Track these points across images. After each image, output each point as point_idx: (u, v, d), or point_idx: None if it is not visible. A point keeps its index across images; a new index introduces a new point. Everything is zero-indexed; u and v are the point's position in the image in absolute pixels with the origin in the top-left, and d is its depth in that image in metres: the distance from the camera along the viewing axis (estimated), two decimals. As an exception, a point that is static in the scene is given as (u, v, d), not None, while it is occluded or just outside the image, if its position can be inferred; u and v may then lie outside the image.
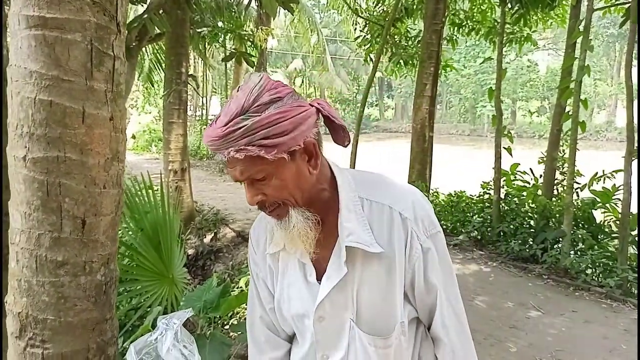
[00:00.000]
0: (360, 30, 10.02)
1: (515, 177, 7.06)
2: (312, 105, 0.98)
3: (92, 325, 1.19)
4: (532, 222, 6.31)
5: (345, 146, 1.07)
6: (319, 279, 1.05)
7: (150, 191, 3.59)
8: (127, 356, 0.87)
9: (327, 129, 1.07)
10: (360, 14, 10.11)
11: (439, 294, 1.04)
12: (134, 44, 7.42)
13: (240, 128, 0.90)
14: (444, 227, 6.87)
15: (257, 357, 1.21)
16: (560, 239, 5.68)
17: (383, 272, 1.01)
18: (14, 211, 1.14)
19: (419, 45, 8.50)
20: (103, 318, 1.22)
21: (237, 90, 0.94)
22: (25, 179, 1.11)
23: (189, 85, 7.02)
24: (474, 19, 9.39)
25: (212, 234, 6.87)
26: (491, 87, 6.65)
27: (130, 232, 3.42)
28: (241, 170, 0.93)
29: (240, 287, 4.35)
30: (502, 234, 6.40)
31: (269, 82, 0.94)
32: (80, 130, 1.11)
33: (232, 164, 0.94)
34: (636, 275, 4.89)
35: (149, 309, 3.11)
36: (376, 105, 48.40)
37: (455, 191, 7.78)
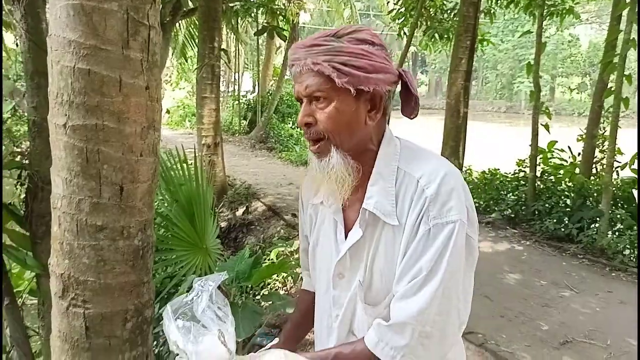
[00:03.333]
0: (394, 4, 9.78)
1: (552, 154, 6.87)
2: (397, 70, 1.02)
3: (130, 288, 1.24)
4: (568, 201, 6.15)
5: (412, 118, 1.10)
6: (347, 238, 1.08)
7: (184, 164, 3.66)
8: (164, 315, 0.91)
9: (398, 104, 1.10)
10: (394, -13, 9.85)
11: (419, 275, 0.96)
12: (167, 19, 7.48)
13: (327, 45, 0.96)
14: (476, 205, 6.76)
15: (303, 272, 1.36)
16: (598, 219, 5.53)
17: (397, 243, 1.02)
18: (55, 177, 1.19)
19: (455, 18, 8.26)
20: (140, 281, 1.27)
21: None
22: (65, 146, 1.14)
23: (221, 60, 7.05)
24: (514, -10, 9.02)
25: (244, 208, 6.98)
26: (530, 62, 6.43)
27: (165, 204, 3.51)
28: (307, 84, 0.98)
29: (271, 259, 4.43)
30: (536, 212, 6.26)
31: (371, 29, 1.01)
32: (117, 99, 1.14)
33: (302, 78, 0.99)
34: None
35: (183, 278, 3.21)
36: (409, 80, 47.48)
37: (489, 169, 7.63)
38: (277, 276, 4.52)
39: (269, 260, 4.46)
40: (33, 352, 2.50)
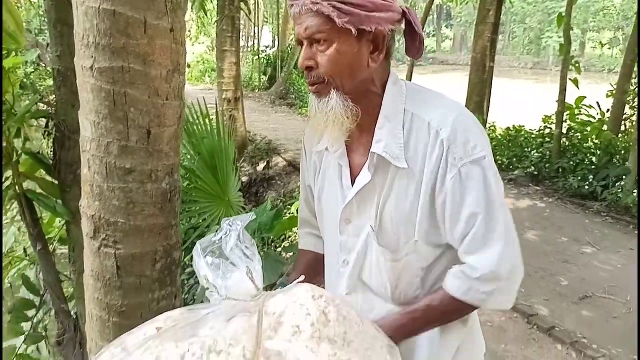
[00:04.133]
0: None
1: (579, 110, 6.68)
2: (401, 8, 0.99)
3: (159, 230, 1.27)
4: (594, 159, 6.03)
5: (416, 58, 1.08)
6: (353, 183, 1.07)
7: (206, 120, 3.68)
8: (194, 252, 0.93)
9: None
10: None
11: (475, 219, 0.97)
12: (186, -31, 7.31)
13: None
14: (499, 162, 6.68)
15: (300, 231, 1.36)
16: (624, 177, 5.42)
17: (412, 188, 1.00)
18: (83, 120, 1.20)
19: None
20: (168, 224, 1.30)
21: None
22: (92, 88, 1.15)
23: (241, 11, 6.93)
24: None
25: (265, 163, 7.02)
26: (560, 13, 6.16)
27: (188, 156, 3.55)
28: (307, 26, 0.95)
29: (292, 212, 4.49)
30: (560, 170, 6.16)
31: None
32: (142, 41, 1.13)
33: (301, 19, 0.96)
34: None
35: (207, 229, 3.28)
36: (433, 35, 46.15)
37: (513, 125, 7.48)
38: (297, 228, 4.59)
39: (289, 213, 4.52)
40: (65, 295, 2.62)
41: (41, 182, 2.42)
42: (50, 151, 2.48)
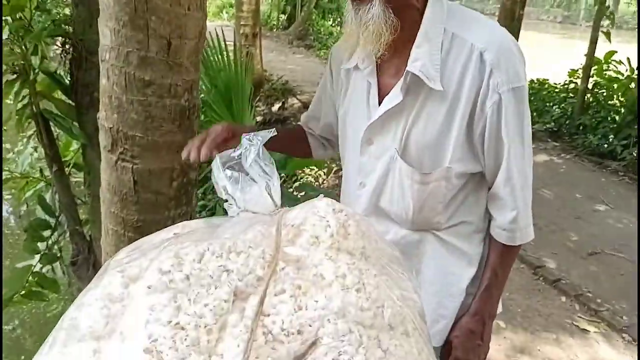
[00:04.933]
0: None
1: (608, 66, 6.43)
2: None
3: (177, 147, 1.25)
4: (617, 117, 5.87)
5: None
6: (380, 102, 1.04)
7: (224, 52, 3.60)
8: (213, 165, 0.92)
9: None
10: None
11: (509, 150, 0.98)
12: None
13: None
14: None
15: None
16: (646, 137, 5.30)
17: (443, 112, 0.97)
18: (103, 28, 1.16)
19: None
20: (186, 142, 1.28)
21: None
22: (113, -6, 1.11)
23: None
24: None
25: (280, 103, 6.94)
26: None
27: (204, 88, 3.51)
28: None
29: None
30: (581, 126, 6.02)
31: None
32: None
33: None
34: None
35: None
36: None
37: (537, 78, 7.26)
38: (309, 170, 4.59)
39: (303, 153, 4.51)
40: (80, 219, 2.67)
41: (58, 103, 2.41)
42: (68, 72, 2.45)
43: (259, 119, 6.55)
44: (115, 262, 0.66)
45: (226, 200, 0.91)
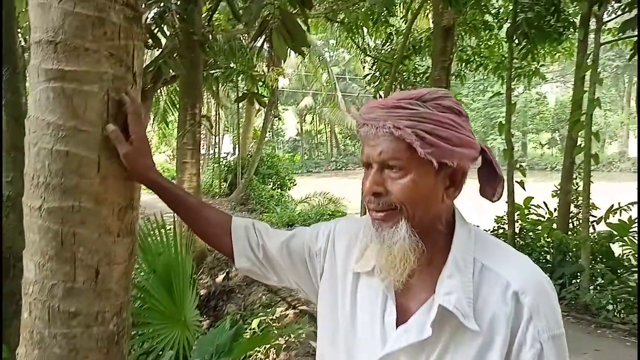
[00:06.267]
0: (369, 69, 10.19)
1: (529, 210, 6.99)
2: (481, 146, 0.93)
3: (104, 376, 1.17)
4: (548, 257, 6.21)
5: (494, 201, 0.97)
6: (397, 322, 0.92)
7: (162, 231, 3.60)
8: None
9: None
10: (368, 53, 10.29)
11: None
12: (149, 86, 7.61)
13: (411, 109, 0.86)
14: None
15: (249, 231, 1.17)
16: (579, 274, 5.57)
17: (475, 349, 0.86)
18: (27, 261, 1.14)
19: (428, 81, 8.60)
20: (115, 368, 1.20)
21: None
22: (40, 229, 1.11)
23: (202, 125, 7.13)
24: (482, 55, 9.51)
25: (224, 274, 6.82)
26: (501, 121, 6.67)
27: (142, 274, 3.41)
28: (382, 150, 0.86)
29: (253, 329, 4.29)
30: (518, 269, 6.26)
31: (453, 98, 0.91)
32: (95, 180, 1.12)
33: (376, 141, 0.87)
34: (660, 311, 4.74)
35: (161, 353, 3.07)
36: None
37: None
38: (259, 349, 4.36)
39: (250, 330, 4.31)
40: None
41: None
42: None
43: (202, 292, 6.35)
44: None
45: None
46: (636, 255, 5.73)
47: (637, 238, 5.36)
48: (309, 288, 1.12)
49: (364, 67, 11.30)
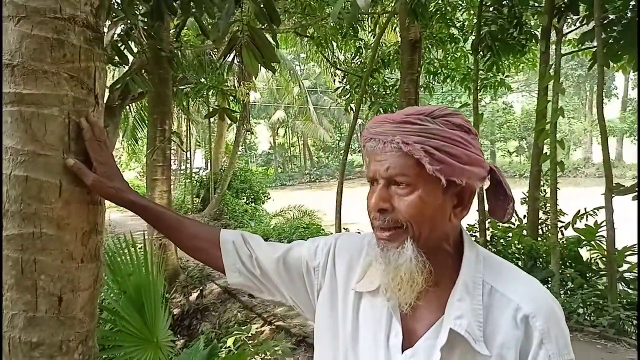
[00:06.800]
0: (340, 82, 10.28)
1: (500, 218, 7.11)
2: (490, 166, 0.91)
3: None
4: (520, 263, 6.31)
5: (504, 221, 0.95)
6: (403, 346, 0.89)
7: (133, 250, 3.52)
8: None
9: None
10: (338, 67, 10.39)
11: None
12: (116, 102, 7.50)
13: (421, 125, 0.84)
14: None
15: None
16: (550, 279, 5.68)
17: None
18: (-14, 292, 1.10)
19: (397, 93, 8.73)
20: (81, 401, 1.16)
21: None
22: (-2, 257, 1.08)
23: (172, 141, 7.05)
24: (449, 67, 9.72)
25: (198, 292, 6.71)
26: (470, 132, 6.79)
27: (112, 295, 3.33)
28: (390, 166, 0.84)
29: (228, 347, 4.21)
30: (491, 276, 6.36)
31: (462, 116, 0.90)
32: (56, 205, 1.09)
33: (383, 156, 0.85)
34: (628, 313, 4.87)
35: (132, 377, 2.98)
36: (359, 151, 48.93)
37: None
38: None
39: (225, 348, 4.24)
40: None
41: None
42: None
43: (176, 311, 6.23)
44: None
45: None
46: (603, 259, 5.88)
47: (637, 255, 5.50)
48: (305, 304, 1.08)
49: (334, 80, 11.38)
